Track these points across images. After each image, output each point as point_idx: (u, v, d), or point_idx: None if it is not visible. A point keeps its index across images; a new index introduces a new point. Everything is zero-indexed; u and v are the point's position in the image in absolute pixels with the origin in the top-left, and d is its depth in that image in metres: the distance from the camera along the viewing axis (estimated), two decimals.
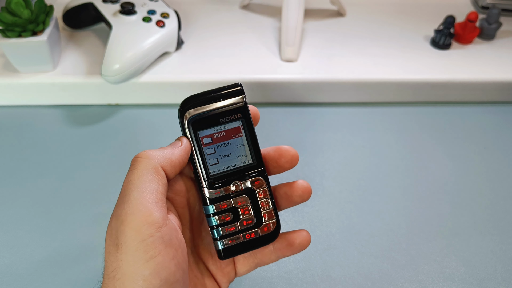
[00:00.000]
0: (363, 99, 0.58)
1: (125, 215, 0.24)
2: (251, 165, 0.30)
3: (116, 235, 0.24)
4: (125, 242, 0.23)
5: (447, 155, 0.52)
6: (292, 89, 0.56)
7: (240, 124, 0.29)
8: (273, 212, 0.30)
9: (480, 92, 0.58)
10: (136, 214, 0.24)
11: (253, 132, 0.30)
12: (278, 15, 0.65)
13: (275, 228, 0.30)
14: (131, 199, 0.25)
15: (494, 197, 0.48)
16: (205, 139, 0.29)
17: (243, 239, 0.30)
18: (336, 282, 0.40)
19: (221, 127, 0.29)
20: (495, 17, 0.60)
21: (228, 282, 0.31)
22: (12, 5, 0.48)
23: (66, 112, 0.55)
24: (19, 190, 0.47)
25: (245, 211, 0.30)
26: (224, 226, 0.29)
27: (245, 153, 0.30)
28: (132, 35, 0.51)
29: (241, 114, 0.29)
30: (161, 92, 0.55)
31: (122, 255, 0.23)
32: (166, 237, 0.24)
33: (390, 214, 0.46)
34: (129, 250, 0.23)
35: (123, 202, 0.25)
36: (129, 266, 0.23)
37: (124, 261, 0.23)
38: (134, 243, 0.23)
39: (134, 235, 0.23)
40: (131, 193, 0.25)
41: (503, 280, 0.41)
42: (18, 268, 0.40)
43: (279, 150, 0.30)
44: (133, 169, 0.26)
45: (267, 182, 0.30)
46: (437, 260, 0.42)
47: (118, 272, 0.23)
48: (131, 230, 0.24)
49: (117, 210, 0.25)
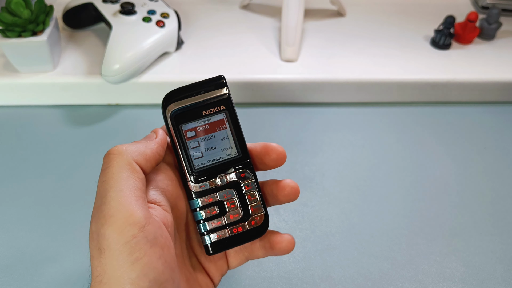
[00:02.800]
0: (363, 99, 0.58)
1: (104, 218, 0.23)
2: (236, 157, 0.29)
3: (98, 239, 0.23)
4: (108, 246, 0.22)
5: (447, 155, 0.52)
6: (292, 89, 0.56)
7: (224, 117, 0.29)
8: (261, 205, 0.30)
9: (480, 92, 0.58)
10: (116, 216, 0.23)
11: (238, 124, 0.29)
12: (278, 15, 0.65)
13: (263, 221, 0.30)
14: (108, 200, 0.23)
15: (494, 197, 0.48)
16: (188, 133, 0.29)
17: (230, 234, 0.29)
18: (336, 282, 0.40)
19: (205, 120, 0.29)
20: (495, 17, 0.60)
21: (221, 276, 0.31)
22: (12, 5, 0.48)
23: (66, 112, 0.55)
24: (19, 190, 0.47)
25: (231, 204, 0.29)
26: (210, 220, 0.29)
27: (230, 145, 0.29)
28: (132, 35, 0.51)
29: (225, 106, 0.29)
30: (161, 92, 0.54)
31: (106, 260, 0.22)
32: (150, 236, 0.23)
33: (390, 214, 0.46)
34: (113, 254, 0.22)
35: (101, 204, 0.24)
36: (115, 270, 0.22)
37: (108, 265, 0.22)
38: (117, 246, 0.22)
39: (117, 238, 0.22)
40: (108, 194, 0.24)
41: (503, 280, 0.41)
42: (18, 268, 0.40)
43: (266, 147, 0.30)
44: (106, 167, 0.25)
45: (253, 175, 0.29)
46: (437, 260, 0.42)
47: (104, 276, 0.22)
48: (112, 232, 0.22)
49: (95, 213, 0.24)
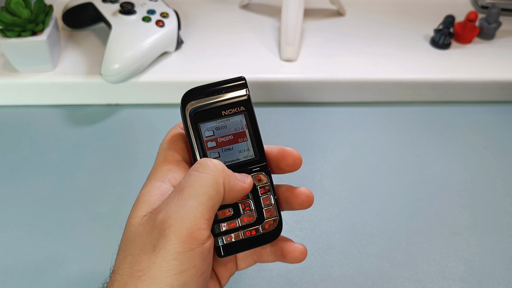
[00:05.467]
0: (363, 99, 0.58)
1: (174, 220, 0.23)
2: (253, 159, 0.29)
3: (158, 236, 0.23)
4: (165, 247, 0.23)
5: (447, 154, 0.52)
6: (292, 89, 0.56)
7: (242, 118, 0.29)
8: (275, 209, 0.29)
9: (479, 92, 0.58)
10: (185, 225, 0.23)
11: (256, 127, 0.29)
12: (277, 14, 0.65)
13: (277, 225, 0.29)
14: (187, 206, 0.24)
15: (494, 197, 0.48)
16: (206, 132, 0.28)
17: (243, 236, 0.29)
18: (336, 282, 0.40)
19: (223, 120, 0.28)
20: (495, 16, 0.60)
21: (229, 277, 0.31)
22: (12, 4, 0.48)
23: (65, 112, 0.55)
24: (19, 190, 0.47)
25: (246, 207, 0.29)
26: (224, 221, 0.28)
27: (247, 147, 0.29)
28: (132, 35, 0.51)
29: (244, 107, 0.28)
30: (161, 91, 0.55)
31: (157, 259, 0.23)
32: (205, 253, 0.24)
33: (390, 213, 0.46)
34: (167, 257, 0.23)
35: (176, 204, 0.24)
36: (161, 272, 0.22)
37: (157, 265, 0.23)
38: (174, 252, 0.23)
39: (177, 244, 0.23)
40: (189, 200, 0.24)
41: (503, 280, 0.41)
42: (17, 268, 0.40)
43: (282, 151, 0.29)
44: (201, 174, 0.25)
45: (269, 178, 0.29)
46: (436, 259, 0.42)
47: (146, 273, 0.23)
48: (175, 238, 0.23)
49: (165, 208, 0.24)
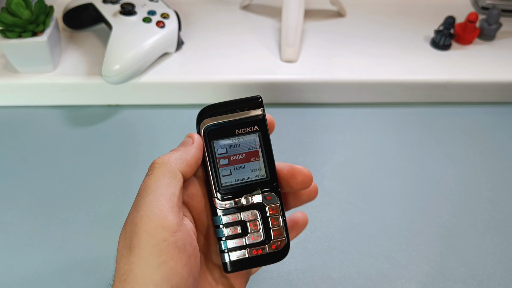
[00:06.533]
0: (363, 100, 0.58)
1: (140, 218, 0.24)
2: (264, 179, 0.29)
3: (130, 238, 0.24)
4: (139, 245, 0.23)
5: (447, 155, 0.52)
6: (292, 90, 0.56)
7: (256, 137, 0.29)
8: (283, 230, 0.29)
9: (480, 93, 0.58)
10: (151, 218, 0.24)
11: (269, 147, 0.29)
12: (278, 15, 0.65)
13: (283, 247, 0.29)
14: (146, 202, 0.25)
15: (494, 197, 0.48)
16: (219, 149, 0.29)
17: (249, 255, 0.29)
18: (336, 283, 0.40)
19: (237, 139, 0.29)
20: (495, 17, 0.60)
21: (245, 284, 0.31)
22: (12, 5, 0.48)
23: (66, 113, 0.55)
24: (19, 191, 0.47)
25: (254, 226, 0.29)
26: (231, 239, 0.29)
27: (259, 167, 0.29)
28: (132, 35, 0.51)
29: (258, 127, 0.29)
30: (161, 92, 0.55)
31: (134, 258, 0.23)
32: (180, 243, 0.24)
33: (390, 214, 0.46)
34: (142, 253, 0.23)
35: (138, 205, 0.25)
36: (141, 270, 0.23)
37: (136, 264, 0.23)
38: (148, 246, 0.23)
39: (148, 239, 0.23)
40: (147, 197, 0.25)
41: (503, 280, 0.41)
42: (18, 268, 0.40)
43: (293, 169, 0.30)
44: (150, 174, 0.26)
45: (279, 199, 0.29)
46: (437, 260, 0.42)
47: (130, 275, 0.23)
48: (145, 233, 0.23)
49: (132, 213, 0.25)
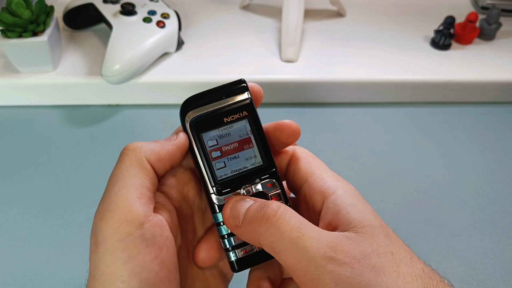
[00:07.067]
0: (363, 100, 0.58)
1: (104, 212, 0.23)
2: (261, 166, 0.27)
3: (95, 233, 0.23)
4: (103, 241, 0.22)
5: (447, 155, 0.52)
6: (292, 90, 0.56)
7: (246, 123, 0.27)
8: None
9: (480, 93, 0.58)
10: (115, 211, 0.22)
11: (261, 131, 0.27)
12: (278, 15, 0.65)
13: None
14: (111, 194, 0.23)
15: (494, 197, 0.48)
16: (209, 142, 0.27)
17: (257, 249, 0.27)
18: None
19: (226, 128, 0.27)
20: (495, 17, 0.60)
21: None
22: (13, 5, 0.48)
23: (66, 113, 0.55)
24: (19, 190, 0.47)
25: None
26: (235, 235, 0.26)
27: (254, 154, 0.27)
28: (133, 35, 0.52)
29: (247, 112, 0.27)
30: (162, 92, 0.55)
31: (99, 255, 0.22)
32: (147, 235, 0.23)
33: (390, 214, 0.46)
34: (107, 249, 0.22)
35: (104, 197, 0.24)
36: (107, 267, 0.22)
37: (101, 260, 0.22)
38: (112, 242, 0.22)
39: (112, 234, 0.22)
40: (113, 188, 0.24)
41: (503, 280, 0.41)
42: (18, 268, 0.40)
43: (279, 125, 0.28)
44: (118, 162, 0.25)
45: (280, 185, 0.28)
46: (437, 260, 0.42)
47: (97, 272, 0.22)
48: (109, 228, 0.22)
49: (98, 206, 0.24)
